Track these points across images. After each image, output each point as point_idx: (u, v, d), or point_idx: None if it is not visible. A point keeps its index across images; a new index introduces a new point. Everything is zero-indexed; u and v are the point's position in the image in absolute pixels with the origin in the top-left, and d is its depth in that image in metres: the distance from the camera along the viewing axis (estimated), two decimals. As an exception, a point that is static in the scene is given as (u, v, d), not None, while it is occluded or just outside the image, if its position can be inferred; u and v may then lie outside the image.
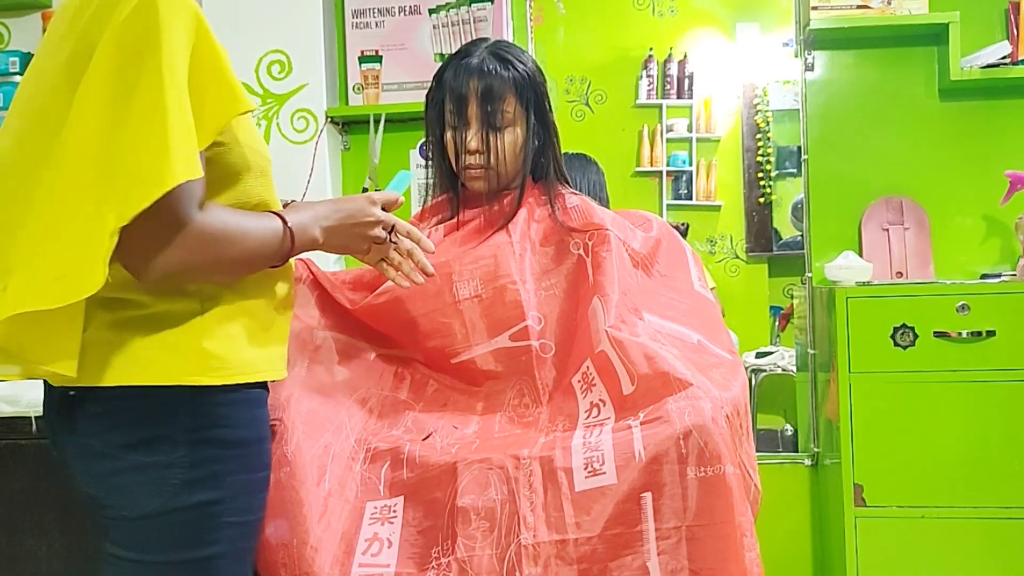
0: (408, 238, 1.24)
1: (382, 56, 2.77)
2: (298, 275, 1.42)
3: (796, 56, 2.67)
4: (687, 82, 4.01)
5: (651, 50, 3.97)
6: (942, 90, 2.55)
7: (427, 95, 1.52)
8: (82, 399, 1.04)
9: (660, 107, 4.01)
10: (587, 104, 3.98)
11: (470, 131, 1.43)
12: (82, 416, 1.05)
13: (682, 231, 1.98)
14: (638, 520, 1.15)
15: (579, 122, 4.00)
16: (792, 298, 3.74)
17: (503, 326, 1.37)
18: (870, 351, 2.21)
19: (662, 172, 4.01)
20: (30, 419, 1.80)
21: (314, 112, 2.70)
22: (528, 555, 1.15)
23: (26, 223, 0.95)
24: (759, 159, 4.00)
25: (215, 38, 1.00)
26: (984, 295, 2.19)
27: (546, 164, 1.51)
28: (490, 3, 2.69)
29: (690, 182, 4.03)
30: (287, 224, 1.10)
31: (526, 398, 1.36)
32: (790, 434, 3.17)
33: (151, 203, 0.90)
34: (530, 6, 3.03)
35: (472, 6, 2.70)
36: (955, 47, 2.42)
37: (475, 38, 2.23)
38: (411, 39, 2.75)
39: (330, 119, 2.72)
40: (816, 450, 2.56)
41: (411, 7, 2.76)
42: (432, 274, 1.26)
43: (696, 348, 1.39)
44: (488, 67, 1.43)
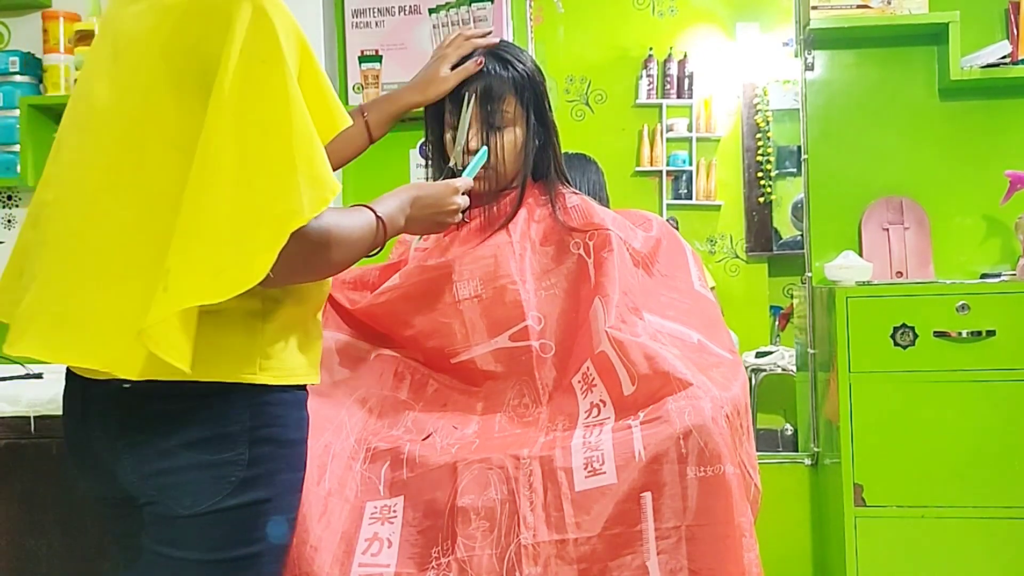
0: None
1: (382, 56, 2.77)
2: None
3: (796, 56, 2.67)
4: (687, 82, 4.01)
5: (651, 50, 3.97)
6: (942, 90, 2.55)
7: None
8: (140, 394, 1.03)
9: (660, 107, 4.00)
10: (587, 104, 3.98)
11: (470, 131, 1.43)
12: (140, 412, 1.05)
13: (672, 226, 1.99)
14: (638, 520, 1.15)
15: (579, 122, 4.00)
16: (792, 298, 3.74)
17: (503, 326, 1.37)
18: (870, 351, 2.21)
19: (662, 172, 4.01)
20: (30, 419, 1.80)
21: (314, 112, 2.70)
22: (528, 555, 1.15)
23: (182, 227, 0.96)
24: (759, 159, 4.00)
25: (315, 55, 1.03)
26: (984, 295, 2.19)
27: (546, 164, 1.51)
28: (490, 3, 2.69)
29: (690, 182, 4.03)
30: (379, 217, 1.15)
31: (526, 398, 1.36)
32: (790, 434, 3.16)
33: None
34: (530, 6, 3.03)
35: (472, 6, 2.70)
36: (955, 47, 2.42)
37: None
38: (411, 39, 2.75)
39: (330, 119, 2.72)
40: (816, 450, 2.56)
41: (411, 7, 2.76)
42: None
43: (696, 348, 1.39)
44: (487, 67, 1.44)
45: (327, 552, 1.18)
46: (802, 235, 2.70)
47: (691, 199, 4.03)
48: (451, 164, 1.43)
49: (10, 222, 2.62)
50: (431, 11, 2.74)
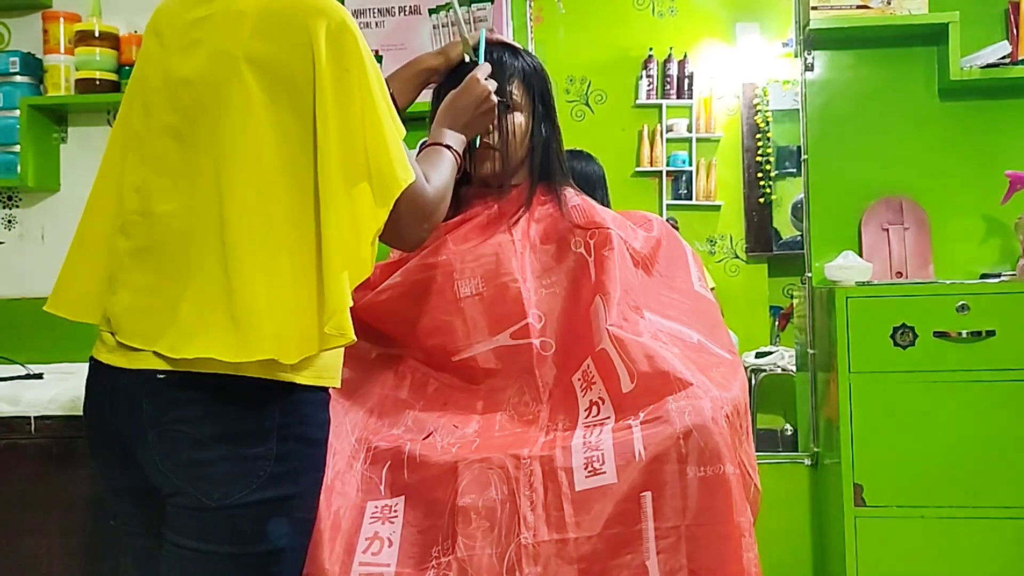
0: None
1: (382, 56, 2.76)
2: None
3: (796, 56, 2.67)
4: (687, 82, 4.01)
5: (651, 50, 3.97)
6: (942, 90, 2.55)
7: (434, 90, 1.54)
8: (176, 384, 1.06)
9: (660, 107, 4.01)
10: (587, 104, 3.98)
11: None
12: (175, 401, 1.07)
13: (671, 226, 1.99)
14: (638, 519, 1.15)
15: (579, 122, 4.00)
16: (792, 298, 3.74)
17: (504, 324, 1.37)
18: (870, 351, 2.21)
19: (662, 172, 4.01)
20: (30, 419, 1.80)
21: (314, 112, 2.70)
22: (528, 554, 1.15)
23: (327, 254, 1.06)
24: (759, 159, 4.00)
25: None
26: (984, 295, 2.19)
27: (549, 161, 1.51)
28: (490, 3, 2.69)
29: (690, 182, 4.03)
30: (450, 148, 1.32)
31: (526, 396, 1.36)
32: (790, 434, 3.16)
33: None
34: (530, 6, 3.03)
35: (472, 6, 2.70)
36: (955, 47, 2.41)
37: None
38: (411, 39, 2.75)
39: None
40: (816, 450, 2.56)
41: (411, 7, 2.76)
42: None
43: (696, 347, 1.39)
44: (495, 54, 1.49)
45: (328, 551, 1.18)
46: (802, 235, 2.70)
47: (691, 199, 4.03)
48: (466, 61, 1.50)
49: (10, 222, 2.62)
50: (431, 11, 2.74)
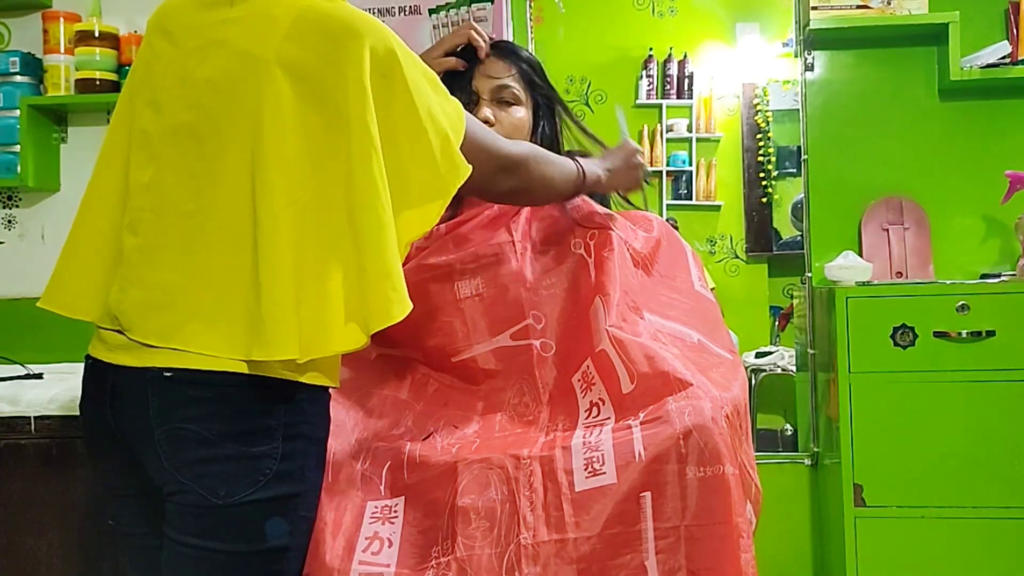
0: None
1: (382, 56, 2.76)
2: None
3: (796, 56, 2.67)
4: (687, 82, 4.01)
5: (651, 50, 3.97)
6: (942, 90, 2.55)
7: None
8: (183, 382, 1.06)
9: (660, 107, 4.01)
10: (587, 104, 3.98)
11: (481, 105, 1.48)
12: (182, 400, 1.06)
13: (671, 226, 1.99)
14: (637, 519, 1.15)
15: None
16: (792, 298, 3.74)
17: (504, 325, 1.37)
18: (870, 351, 2.21)
19: (662, 172, 4.01)
20: (30, 419, 1.80)
21: (314, 112, 2.70)
22: (527, 555, 1.15)
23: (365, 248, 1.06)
24: (759, 159, 4.00)
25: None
26: (984, 295, 2.19)
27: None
28: (490, 3, 2.69)
29: (690, 182, 4.03)
30: (580, 165, 1.36)
31: (526, 397, 1.36)
32: (790, 434, 3.16)
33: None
34: (530, 6, 3.03)
35: (472, 6, 2.70)
36: (955, 47, 2.42)
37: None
38: (411, 39, 2.74)
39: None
40: (816, 450, 2.56)
41: (411, 7, 2.76)
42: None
43: (696, 347, 1.39)
44: (494, 52, 1.51)
45: (328, 550, 1.18)
46: (802, 235, 2.70)
47: (691, 199, 4.03)
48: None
49: (10, 222, 2.62)
50: (431, 11, 2.74)
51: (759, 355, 3.51)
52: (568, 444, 1.22)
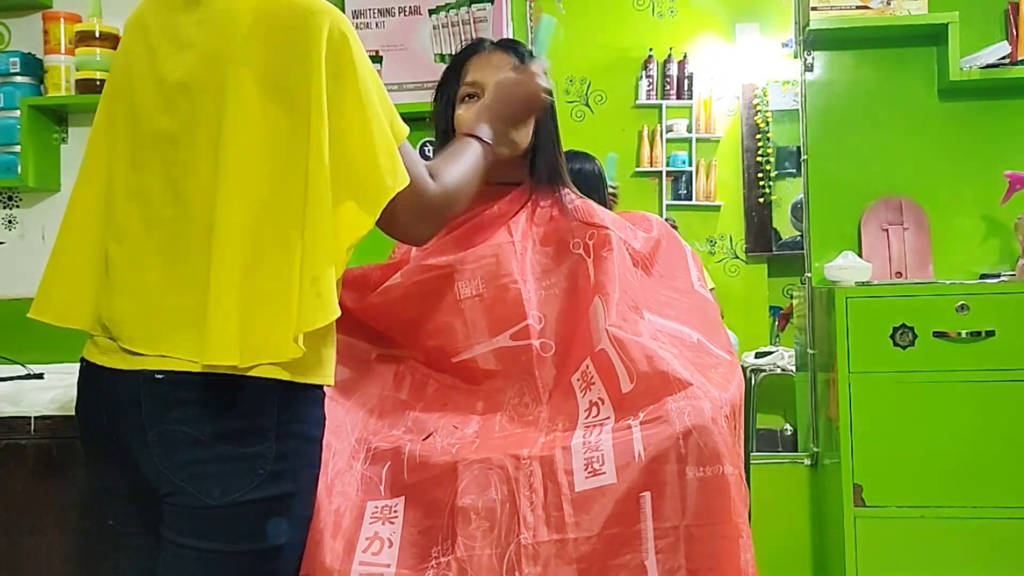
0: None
1: (382, 56, 2.77)
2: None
3: (795, 56, 2.67)
4: (687, 82, 4.02)
5: (651, 50, 3.97)
6: (941, 90, 2.55)
7: (437, 87, 1.56)
8: (175, 384, 1.06)
9: (660, 107, 4.01)
10: (587, 104, 3.99)
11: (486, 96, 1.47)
12: (175, 401, 1.07)
13: (670, 226, 1.99)
14: (637, 519, 1.15)
15: (579, 122, 4.01)
16: (792, 298, 3.74)
17: (504, 325, 1.37)
18: (870, 351, 2.21)
19: (662, 172, 4.02)
20: (30, 419, 1.80)
21: (314, 112, 2.70)
22: (527, 555, 1.15)
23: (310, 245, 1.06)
24: (759, 159, 4.00)
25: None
26: (983, 295, 2.19)
27: (549, 162, 1.52)
28: (490, 3, 2.69)
29: (690, 182, 4.03)
30: (484, 142, 1.32)
31: (526, 397, 1.36)
32: (790, 434, 3.17)
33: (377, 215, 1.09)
34: (530, 6, 3.03)
35: (472, 6, 2.70)
36: (955, 47, 2.42)
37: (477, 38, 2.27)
38: (411, 39, 2.75)
39: (330, 119, 2.72)
40: (816, 450, 2.56)
41: (411, 7, 2.76)
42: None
43: (695, 347, 1.39)
44: (500, 48, 1.53)
45: (328, 550, 1.18)
46: (802, 235, 2.70)
47: (691, 199, 4.03)
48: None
49: (10, 223, 2.62)
50: (431, 11, 2.74)
51: (759, 355, 3.51)
52: (568, 444, 1.22)
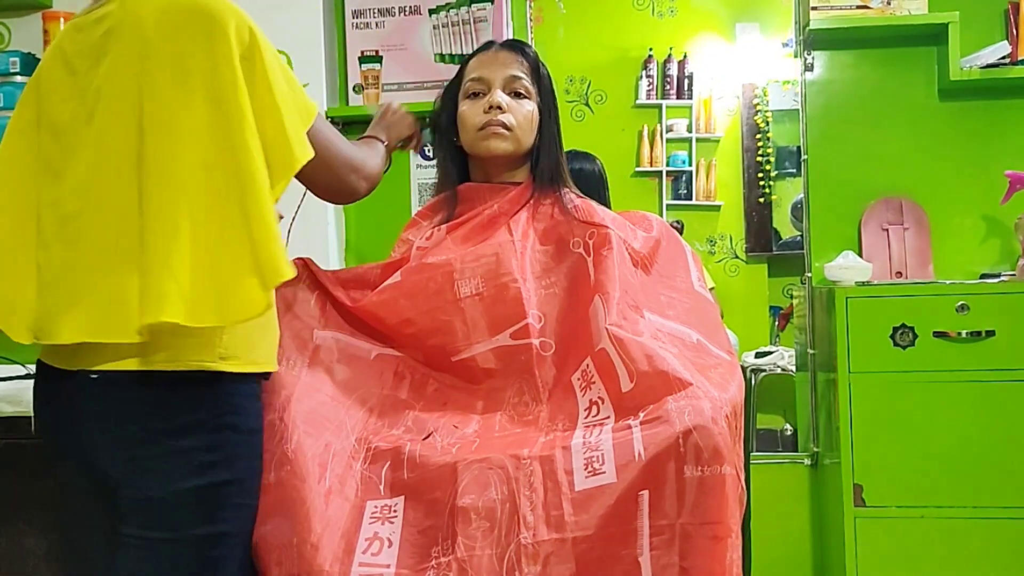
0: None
1: (382, 56, 2.77)
2: (297, 275, 1.42)
3: (796, 56, 2.67)
4: (687, 82, 4.01)
5: (651, 50, 3.97)
6: (942, 90, 2.55)
7: (447, 85, 1.59)
8: (114, 383, 1.12)
9: (660, 107, 4.01)
10: (587, 104, 3.98)
11: (494, 92, 1.49)
12: (117, 401, 1.13)
13: (677, 229, 1.98)
14: (634, 517, 1.16)
15: (579, 122, 4.00)
16: (792, 298, 3.74)
17: (504, 324, 1.37)
18: (870, 351, 2.21)
19: (662, 172, 4.01)
20: (30, 419, 1.80)
21: (315, 112, 2.70)
22: (527, 554, 1.15)
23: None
24: (759, 159, 4.00)
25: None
26: (983, 295, 2.19)
27: (550, 161, 1.52)
28: (490, 3, 2.69)
29: (690, 182, 4.03)
30: (385, 143, 1.50)
31: (526, 396, 1.36)
32: (790, 434, 3.17)
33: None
34: (530, 6, 3.03)
35: (472, 6, 2.70)
36: (955, 47, 2.42)
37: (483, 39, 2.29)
38: (411, 39, 2.75)
39: (330, 119, 2.73)
40: (816, 450, 2.56)
41: (411, 7, 2.76)
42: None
43: (695, 347, 1.39)
44: (507, 47, 1.55)
45: (327, 551, 1.18)
46: (802, 235, 2.70)
47: (691, 199, 4.03)
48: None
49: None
50: (431, 11, 2.74)
51: (759, 355, 3.51)
52: (568, 444, 1.22)
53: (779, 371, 3.42)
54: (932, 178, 2.56)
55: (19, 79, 2.53)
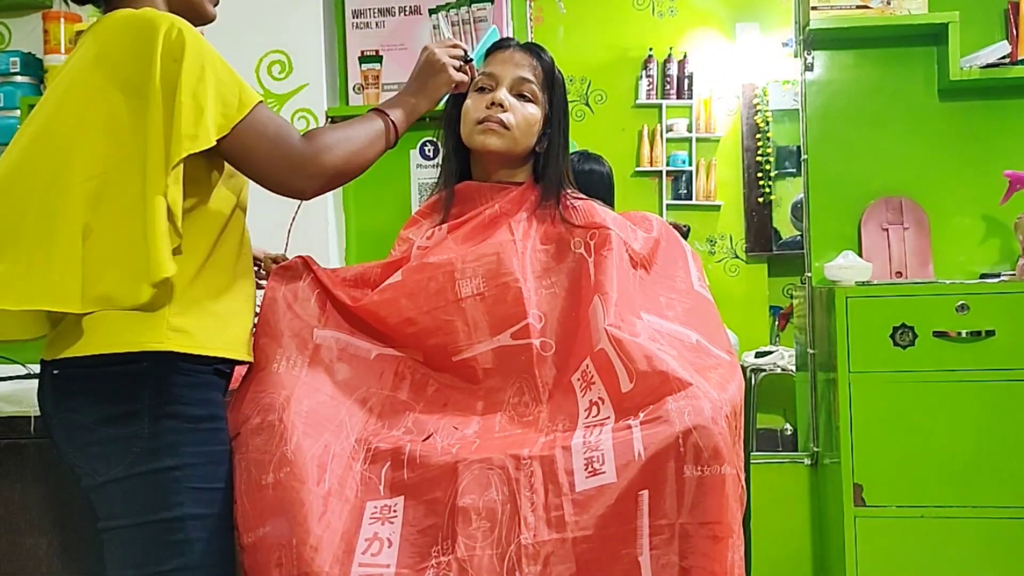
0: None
1: (382, 56, 2.77)
2: (298, 273, 1.42)
3: (796, 56, 2.67)
4: (687, 82, 4.02)
5: (651, 50, 3.97)
6: (942, 90, 2.56)
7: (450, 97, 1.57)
8: (64, 378, 1.20)
9: (660, 107, 4.01)
10: (587, 104, 3.98)
11: (499, 90, 1.49)
12: (66, 393, 1.20)
13: (683, 232, 1.97)
14: (634, 517, 1.16)
15: (579, 122, 4.00)
16: (792, 298, 3.74)
17: (505, 324, 1.37)
18: (870, 351, 2.21)
19: (662, 172, 4.01)
20: (30, 419, 1.80)
21: (315, 112, 2.71)
22: (528, 554, 1.16)
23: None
24: (759, 159, 4.00)
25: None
26: (983, 295, 2.19)
27: (553, 163, 1.52)
28: (490, 3, 2.69)
29: (690, 182, 4.03)
30: (385, 116, 1.39)
31: (526, 396, 1.36)
32: (790, 434, 3.17)
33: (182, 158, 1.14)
34: (530, 6, 3.03)
35: (472, 6, 2.71)
36: (955, 47, 2.42)
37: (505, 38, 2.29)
38: (411, 39, 2.75)
39: (331, 119, 2.73)
40: (816, 450, 2.56)
41: (411, 7, 2.76)
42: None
43: (695, 348, 1.39)
44: (524, 49, 1.55)
45: (327, 552, 1.18)
46: (802, 235, 2.70)
47: (691, 199, 4.03)
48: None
49: (10, 222, 2.62)
50: (431, 11, 2.75)
51: (759, 355, 3.51)
52: (568, 444, 1.22)
53: (779, 371, 3.42)
54: (932, 178, 2.56)
55: (19, 79, 2.54)
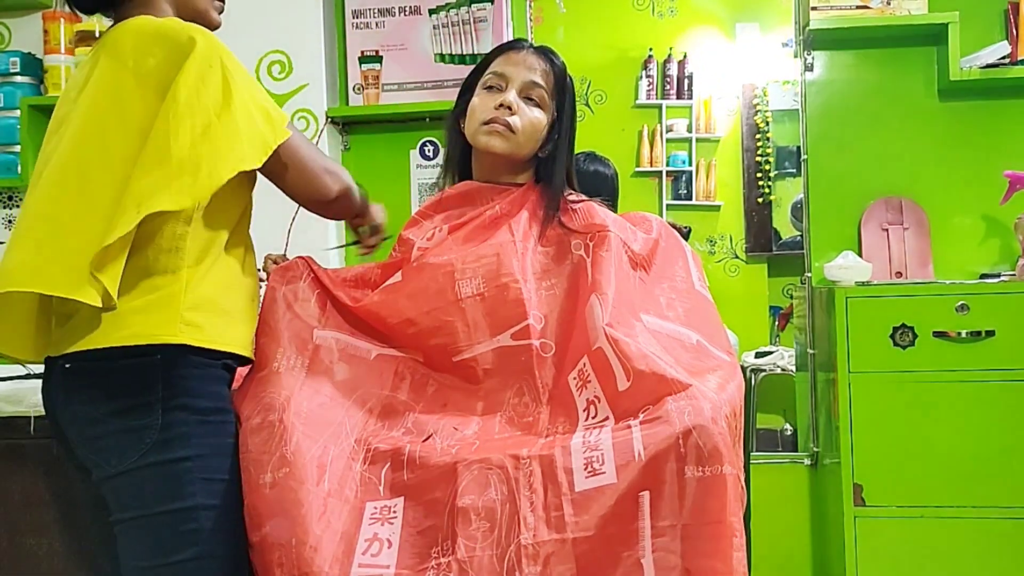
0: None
1: (382, 56, 2.77)
2: (298, 273, 1.42)
3: (796, 56, 2.67)
4: (687, 82, 4.02)
5: (651, 50, 3.97)
6: (941, 90, 2.55)
7: (471, 72, 1.58)
8: (76, 371, 1.21)
9: (660, 107, 4.01)
10: (587, 104, 3.98)
11: (509, 92, 1.49)
12: (76, 387, 1.22)
13: (684, 233, 1.97)
14: (635, 518, 1.16)
15: (579, 122, 4.00)
16: (792, 298, 3.74)
17: (505, 325, 1.37)
18: (869, 351, 2.21)
19: (662, 172, 4.01)
20: (30, 419, 1.80)
21: (314, 112, 2.71)
22: (528, 555, 1.16)
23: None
24: (759, 159, 4.00)
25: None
26: (983, 295, 2.19)
27: (556, 165, 1.52)
28: (490, 3, 2.69)
29: (690, 182, 4.03)
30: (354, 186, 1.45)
31: (526, 397, 1.36)
32: (790, 434, 3.17)
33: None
34: (530, 6, 3.03)
35: (472, 6, 2.71)
36: (954, 47, 2.42)
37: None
38: (411, 39, 2.75)
39: (330, 119, 2.73)
40: (816, 450, 2.56)
41: (411, 7, 2.76)
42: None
43: (695, 349, 1.39)
44: (537, 52, 1.54)
45: (326, 552, 1.18)
46: (802, 235, 2.70)
47: (691, 199, 4.03)
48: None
49: (10, 222, 2.62)
50: (431, 11, 2.74)
51: (759, 355, 3.51)
52: (568, 444, 1.22)
53: (779, 371, 3.42)
54: (932, 178, 2.56)
55: (20, 79, 2.54)
